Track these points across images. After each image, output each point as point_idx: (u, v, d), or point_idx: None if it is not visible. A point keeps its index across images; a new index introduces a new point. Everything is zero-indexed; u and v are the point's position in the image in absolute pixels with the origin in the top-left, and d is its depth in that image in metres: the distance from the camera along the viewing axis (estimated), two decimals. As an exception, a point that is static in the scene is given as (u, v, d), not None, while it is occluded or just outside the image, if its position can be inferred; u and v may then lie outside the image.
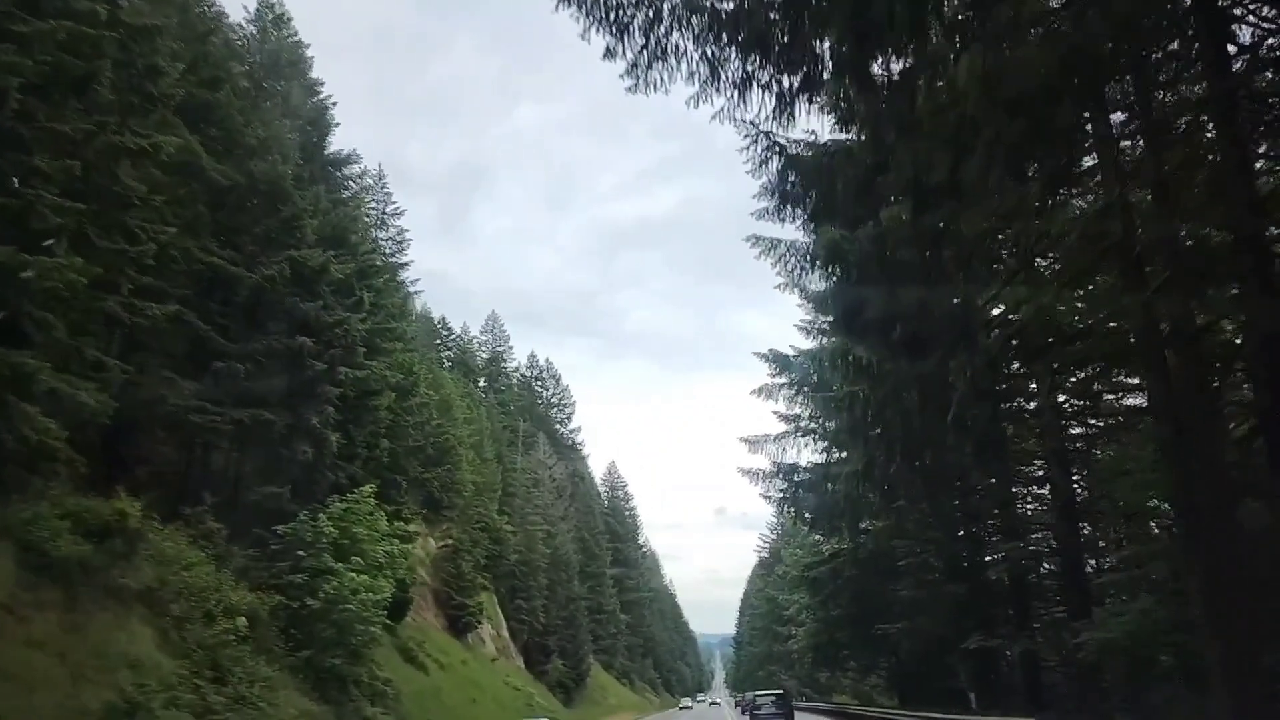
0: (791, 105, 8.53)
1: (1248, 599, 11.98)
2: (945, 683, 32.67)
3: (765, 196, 12.07)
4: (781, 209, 11.58)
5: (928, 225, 10.18)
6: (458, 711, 31.39)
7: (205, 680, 17.06)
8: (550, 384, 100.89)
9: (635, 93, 8.64)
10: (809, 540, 44.66)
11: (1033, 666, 22.66)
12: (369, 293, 28.79)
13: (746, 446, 27.20)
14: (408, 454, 34.55)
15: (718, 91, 8.62)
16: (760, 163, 11.17)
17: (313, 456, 24.76)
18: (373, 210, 42.23)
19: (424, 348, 57.63)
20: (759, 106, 8.54)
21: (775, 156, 11.06)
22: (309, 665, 21.89)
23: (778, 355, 25.73)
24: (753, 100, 8.54)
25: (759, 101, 8.53)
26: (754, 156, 11.07)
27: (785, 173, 11.19)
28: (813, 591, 41.19)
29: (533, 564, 59.44)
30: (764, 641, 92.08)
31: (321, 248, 26.27)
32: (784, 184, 11.29)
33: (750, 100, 8.56)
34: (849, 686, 56.07)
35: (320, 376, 25.16)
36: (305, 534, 23.20)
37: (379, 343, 29.92)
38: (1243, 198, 13.56)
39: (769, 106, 8.54)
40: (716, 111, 8.76)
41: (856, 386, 14.82)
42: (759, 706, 38.78)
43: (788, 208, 11.51)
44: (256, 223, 25.42)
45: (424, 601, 41.06)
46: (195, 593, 18.87)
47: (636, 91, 8.67)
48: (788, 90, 8.39)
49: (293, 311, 25.17)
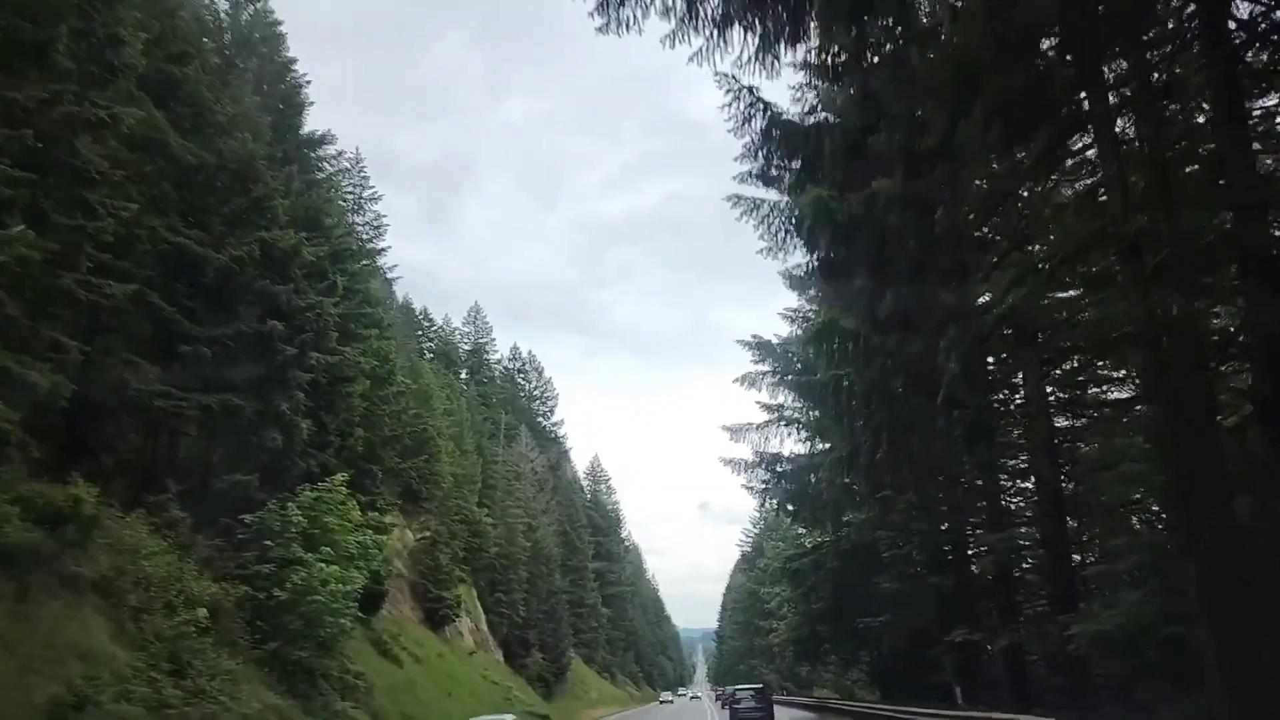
0: (775, 47, 7.92)
1: (1246, 591, 11.54)
2: (928, 677, 32.30)
3: (748, 158, 11.47)
4: (765, 171, 10.99)
5: (921, 191, 9.63)
6: (433, 705, 30.77)
7: (162, 673, 16.38)
8: (533, 376, 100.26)
9: (605, 33, 7.96)
10: (791, 533, 44.25)
11: (1017, 660, 22.27)
12: (343, 277, 28.11)
13: (728, 435, 26.72)
14: (383, 443, 33.84)
15: (695, 30, 7.99)
16: (743, 120, 10.54)
17: (282, 444, 24.05)
18: (350, 194, 41.45)
19: (404, 338, 56.93)
20: (740, 48, 7.92)
21: (759, 114, 10.45)
22: (276, 658, 21.25)
23: (761, 342, 25.22)
24: (734, 41, 7.92)
25: (740, 43, 7.92)
26: (735, 114, 10.47)
27: (770, 132, 10.59)
28: (794, 584, 40.76)
29: (513, 557, 58.86)
30: (745, 636, 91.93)
31: (293, 229, 25.54)
32: (768, 144, 10.68)
33: (731, 40, 7.93)
34: (830, 680, 55.80)
35: (291, 362, 24.46)
36: (273, 523, 22.56)
37: (353, 328, 29.22)
38: (1242, 179, 13.14)
39: (751, 48, 7.91)
40: (694, 53, 8.13)
41: (842, 370, 14.28)
42: (738, 701, 38.52)
43: (772, 170, 10.92)
44: (225, 203, 24.66)
45: (400, 594, 40.40)
46: (155, 583, 18.18)
47: (606, 32, 7.99)
48: (771, 31, 7.78)
49: (263, 294, 24.47)
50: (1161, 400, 12.28)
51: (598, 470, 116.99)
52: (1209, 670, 11.88)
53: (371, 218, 43.14)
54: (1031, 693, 21.64)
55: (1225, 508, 11.65)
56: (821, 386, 16.28)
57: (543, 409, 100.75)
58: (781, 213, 11.90)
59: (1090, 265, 13.72)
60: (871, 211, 10.20)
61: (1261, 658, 11.95)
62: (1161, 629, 13.44)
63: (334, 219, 29.22)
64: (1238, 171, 13.12)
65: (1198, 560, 11.52)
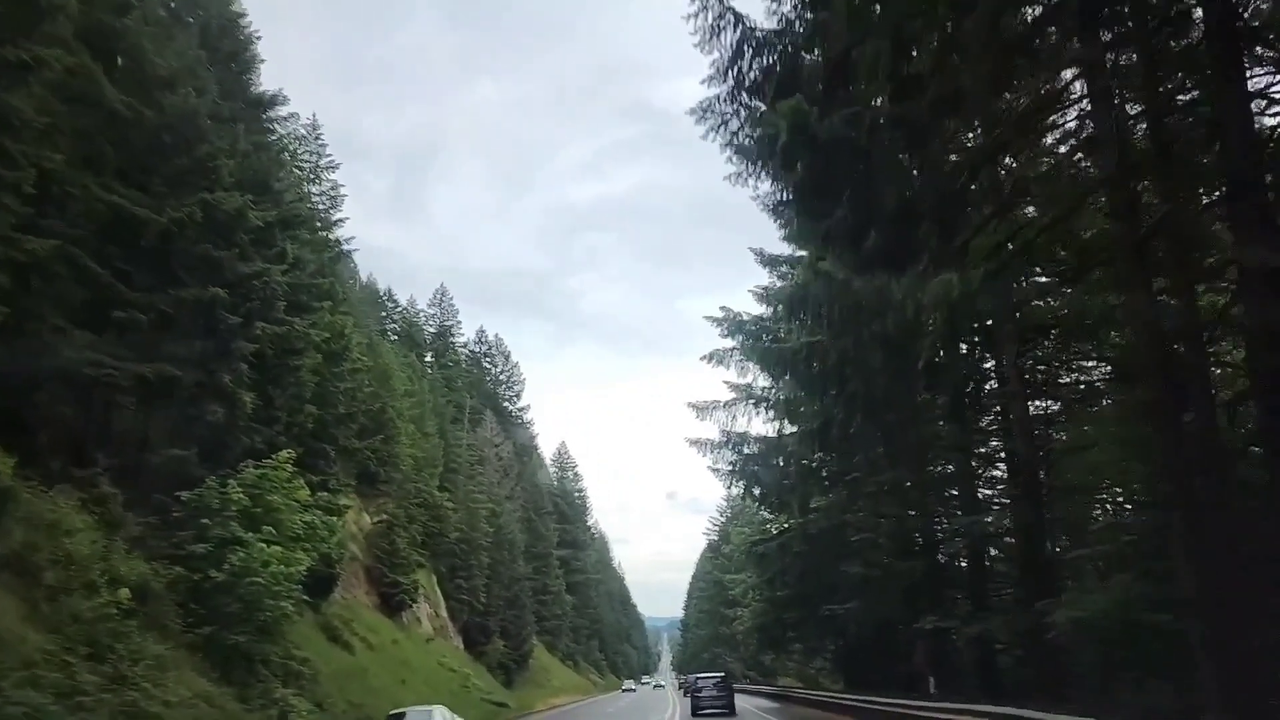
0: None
1: (1240, 574, 10.81)
2: (894, 666, 31.72)
3: (716, 80, 10.40)
4: (736, 94, 9.96)
5: (911, 114, 8.68)
6: (384, 693, 29.62)
7: (78, 657, 15.13)
8: (499, 360, 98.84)
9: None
10: (757, 519, 43.53)
11: (988, 649, 21.59)
12: (293, 244, 26.75)
13: (695, 413, 25.78)
14: (337, 422, 32.49)
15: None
16: (711, 34, 9.53)
17: (224, 418, 22.78)
18: (306, 163, 39.86)
19: (364, 316, 55.46)
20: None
21: (729, 27, 9.44)
22: (211, 643, 20.01)
23: (730, 315, 24.20)
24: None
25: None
26: (703, 25, 9.44)
27: (741, 49, 9.58)
28: (759, 569, 40.11)
29: (475, 542, 57.68)
30: (710, 624, 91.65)
31: (239, 192, 24.16)
32: (738, 60, 9.67)
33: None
34: (794, 669, 55.36)
35: (234, 331, 23.15)
36: (212, 501, 21.28)
37: (304, 300, 27.86)
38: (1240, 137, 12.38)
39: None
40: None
41: (815, 338, 13.37)
42: (700, 689, 37.89)
43: (743, 93, 9.90)
44: (166, 162, 23.27)
45: (355, 579, 39.18)
46: (76, 561, 16.91)
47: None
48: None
49: (205, 260, 23.12)
50: (1154, 374, 11.47)
51: (564, 457, 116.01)
52: (1199, 658, 11.17)
53: (328, 187, 41.54)
54: (1001, 683, 20.97)
55: (1222, 486, 10.93)
56: (793, 355, 15.36)
57: (509, 394, 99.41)
58: (755, 128, 10.81)
59: (1081, 230, 12.95)
60: (855, 133, 9.24)
61: (1253, 645, 11.25)
62: (1147, 616, 12.68)
63: (284, 183, 27.85)
64: (1234, 133, 12.38)
65: (1187, 540, 10.78)
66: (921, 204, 9.76)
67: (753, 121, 10.64)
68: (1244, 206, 11.93)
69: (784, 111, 9.43)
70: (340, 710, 24.93)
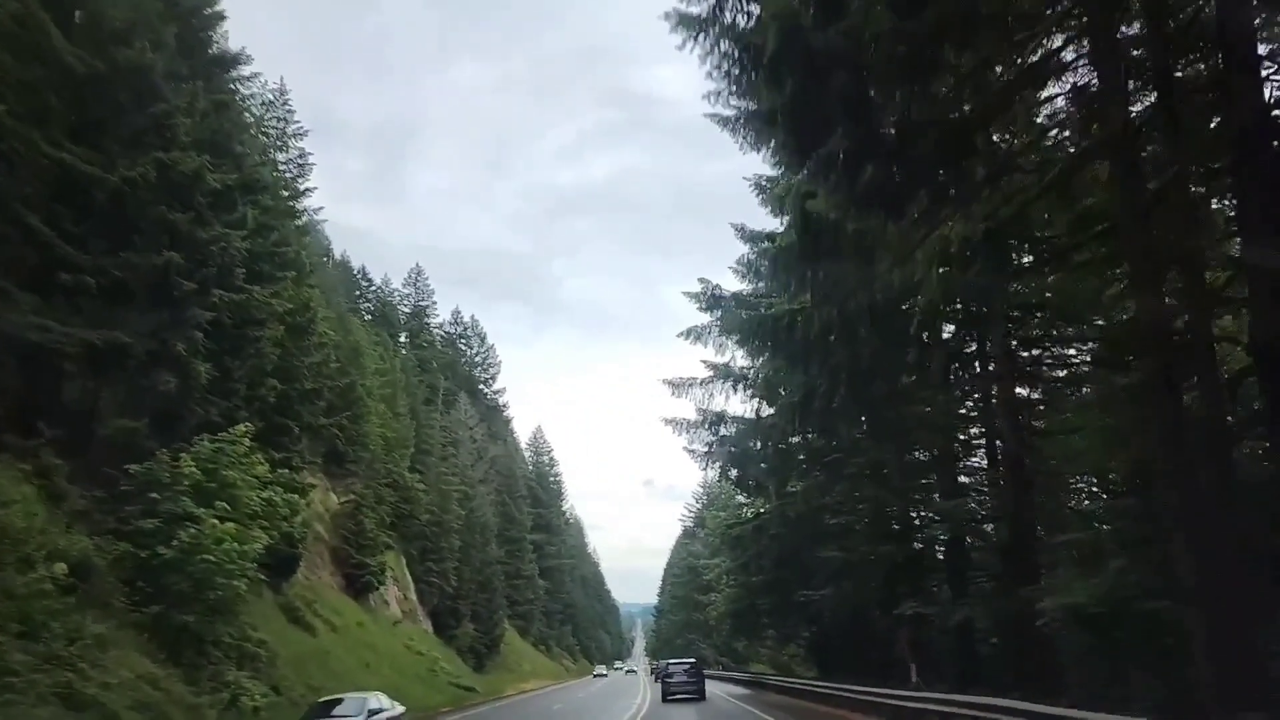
0: None
1: (1242, 559, 10.18)
2: (868, 654, 31.21)
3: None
4: (718, 11, 9.01)
5: (916, 31, 7.87)
6: (346, 676, 28.75)
7: (8, 635, 14.24)
8: (475, 342, 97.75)
9: None
10: (733, 503, 42.91)
11: (968, 637, 21.02)
12: (255, 210, 25.63)
13: (670, 390, 24.95)
14: (302, 398, 31.44)
15: None
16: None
17: (177, 388, 21.71)
18: (273, 129, 38.55)
19: (337, 294, 54.31)
20: None
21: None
22: (158, 623, 19.09)
23: (709, 287, 23.28)
24: None
25: None
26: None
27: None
28: (734, 553, 39.55)
29: (446, 525, 56.80)
30: (684, 610, 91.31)
31: (197, 153, 23.05)
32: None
33: None
34: (766, 656, 54.93)
35: (189, 298, 22.10)
36: (162, 475, 20.29)
37: (266, 269, 26.78)
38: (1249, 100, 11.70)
39: None
40: None
41: (799, 305, 12.60)
42: (670, 675, 37.67)
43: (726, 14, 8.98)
44: (119, 119, 22.16)
45: (320, 559, 38.23)
46: (10, 534, 15.94)
47: None
48: None
49: (159, 222, 22.03)
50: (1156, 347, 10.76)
51: (540, 442, 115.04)
52: (1196, 647, 10.54)
53: (296, 155, 40.14)
54: (980, 671, 20.40)
55: (1225, 464, 10.29)
56: (775, 324, 14.58)
57: (484, 376, 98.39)
58: (737, 39, 9.80)
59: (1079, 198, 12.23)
60: (853, 48, 8.37)
61: (1253, 635, 10.64)
62: (1141, 604, 12.04)
63: (245, 145, 26.70)
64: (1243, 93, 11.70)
65: (1192, 526, 10.12)
66: (922, 137, 8.96)
67: (737, 36, 9.66)
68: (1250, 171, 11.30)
69: (770, 10, 8.49)
70: (298, 694, 24.03)
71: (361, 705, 18.26)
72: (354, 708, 18.10)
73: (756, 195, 24.13)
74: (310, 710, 18.99)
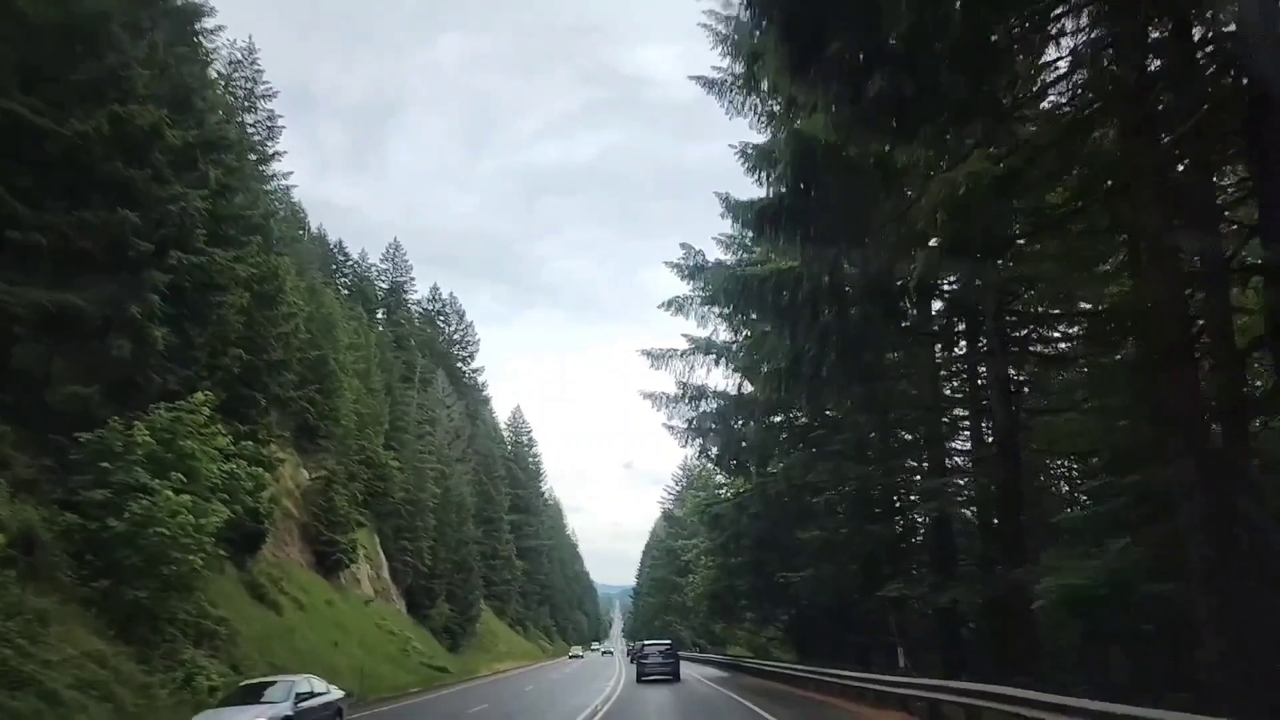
0: None
1: (1258, 537, 9.52)
2: (846, 637, 30.71)
3: None
4: None
5: None
6: (312, 655, 27.90)
7: (-62, 611, 13.32)
8: (453, 319, 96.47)
9: None
10: (713, 483, 42.26)
11: (953, 620, 20.42)
12: (218, 170, 24.52)
13: (649, 361, 24.09)
14: (269, 369, 30.40)
15: None
16: None
17: (132, 354, 20.69)
18: (241, 89, 37.20)
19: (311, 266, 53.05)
20: None
21: None
22: (108, 598, 18.16)
23: (692, 253, 22.31)
24: None
25: None
26: None
27: None
28: (713, 532, 38.94)
29: (421, 504, 55.94)
30: (661, 592, 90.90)
31: (156, 107, 21.93)
32: None
33: None
34: (743, 638, 54.52)
35: (146, 259, 21.07)
36: (114, 443, 19.30)
37: (230, 232, 25.72)
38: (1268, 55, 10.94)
39: None
40: None
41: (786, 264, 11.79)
42: (646, 656, 37.52)
43: None
44: (73, 70, 21.01)
45: (289, 536, 37.27)
46: (-56, 503, 14.98)
47: None
48: None
49: (114, 179, 20.96)
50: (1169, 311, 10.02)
51: (519, 422, 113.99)
52: (1205, 626, 9.88)
53: (264, 116, 38.71)
54: (965, 655, 19.84)
55: (1242, 435, 9.62)
56: (760, 285, 13.74)
57: (462, 354, 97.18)
58: None
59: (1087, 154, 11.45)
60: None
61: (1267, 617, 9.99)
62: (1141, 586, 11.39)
63: (208, 101, 25.50)
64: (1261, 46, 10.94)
65: (1207, 499, 9.43)
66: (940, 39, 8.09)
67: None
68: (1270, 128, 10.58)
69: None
70: (260, 673, 23.14)
71: (289, 690, 16.27)
72: (281, 692, 16.22)
73: (743, 164, 23.22)
74: (230, 695, 17.01)
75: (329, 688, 17.88)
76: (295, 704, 15.98)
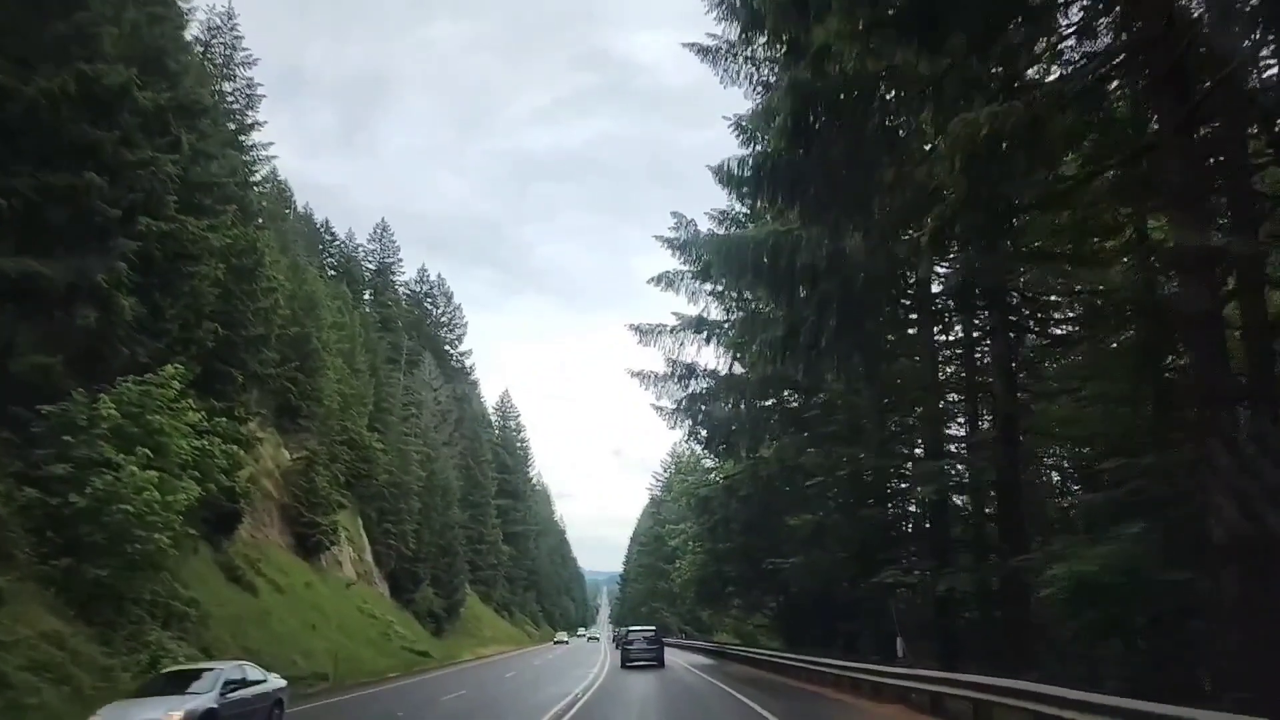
0: None
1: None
2: (835, 625, 30.15)
3: None
4: None
5: None
6: (289, 639, 27.20)
7: (-126, 588, 12.51)
8: (441, 301, 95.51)
9: None
10: (701, 467, 41.62)
11: (949, 609, 19.80)
12: (191, 135, 23.60)
13: (638, 337, 23.32)
14: (247, 345, 29.51)
15: None
16: None
17: (98, 324, 19.86)
18: (221, 56, 36.13)
19: (296, 244, 52.13)
20: None
21: None
22: (69, 577, 17.38)
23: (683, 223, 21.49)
24: None
25: None
26: None
27: None
28: (701, 516, 38.33)
29: (406, 487, 55.18)
30: (648, 578, 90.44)
31: (125, 67, 21.00)
32: None
33: None
34: (730, 625, 54.03)
35: (113, 225, 20.21)
36: (78, 417, 18.47)
37: (205, 201, 24.81)
38: None
39: None
40: None
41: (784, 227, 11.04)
42: (631, 642, 37.21)
43: None
44: (37, 26, 20.07)
45: (268, 516, 36.49)
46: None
47: None
48: None
49: (80, 141, 20.06)
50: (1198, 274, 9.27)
51: (507, 406, 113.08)
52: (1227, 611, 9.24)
53: (244, 84, 37.56)
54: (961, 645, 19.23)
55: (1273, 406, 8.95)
56: (756, 248, 12.98)
57: (450, 336, 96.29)
58: None
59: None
60: None
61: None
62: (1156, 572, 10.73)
63: (182, 63, 24.55)
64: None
65: (1234, 477, 8.78)
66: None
67: None
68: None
69: None
70: (233, 656, 22.39)
71: (216, 679, 14.44)
72: (208, 682, 14.24)
73: (737, 136, 22.42)
74: (149, 683, 15.06)
75: (267, 675, 16.38)
76: (222, 694, 14.36)
